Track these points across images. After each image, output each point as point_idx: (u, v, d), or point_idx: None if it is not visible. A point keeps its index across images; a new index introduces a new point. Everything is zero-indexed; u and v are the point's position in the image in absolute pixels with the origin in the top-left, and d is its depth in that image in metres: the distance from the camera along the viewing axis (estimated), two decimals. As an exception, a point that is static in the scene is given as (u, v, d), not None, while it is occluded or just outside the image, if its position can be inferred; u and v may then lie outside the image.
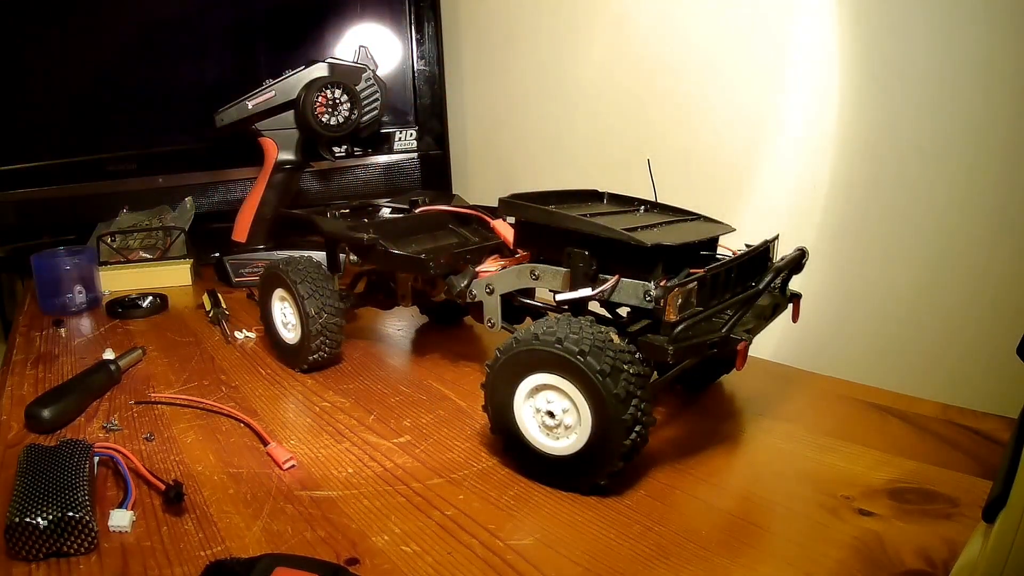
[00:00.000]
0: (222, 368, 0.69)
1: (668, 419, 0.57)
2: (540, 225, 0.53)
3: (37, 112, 1.05)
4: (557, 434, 0.46)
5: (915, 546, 0.40)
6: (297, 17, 1.14)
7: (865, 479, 0.47)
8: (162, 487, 0.46)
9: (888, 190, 0.71)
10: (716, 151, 0.85)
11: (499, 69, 1.17)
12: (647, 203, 0.61)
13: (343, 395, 0.63)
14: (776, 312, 0.53)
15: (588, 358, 0.42)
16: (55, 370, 0.69)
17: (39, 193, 1.03)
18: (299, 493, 0.47)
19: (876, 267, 0.73)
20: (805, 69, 0.76)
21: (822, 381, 0.64)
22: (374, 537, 0.42)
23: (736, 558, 0.40)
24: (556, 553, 0.40)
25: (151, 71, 1.08)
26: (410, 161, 1.17)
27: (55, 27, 1.02)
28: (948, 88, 0.66)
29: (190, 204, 1.07)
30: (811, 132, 0.76)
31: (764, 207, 0.81)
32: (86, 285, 0.88)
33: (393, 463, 0.51)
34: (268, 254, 0.97)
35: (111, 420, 0.57)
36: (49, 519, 0.39)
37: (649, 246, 0.47)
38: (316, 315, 0.64)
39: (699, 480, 0.48)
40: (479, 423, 0.56)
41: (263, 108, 0.94)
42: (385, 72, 1.06)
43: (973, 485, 0.46)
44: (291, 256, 0.68)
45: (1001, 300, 0.65)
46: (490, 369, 0.48)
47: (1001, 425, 0.53)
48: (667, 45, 0.89)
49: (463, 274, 0.61)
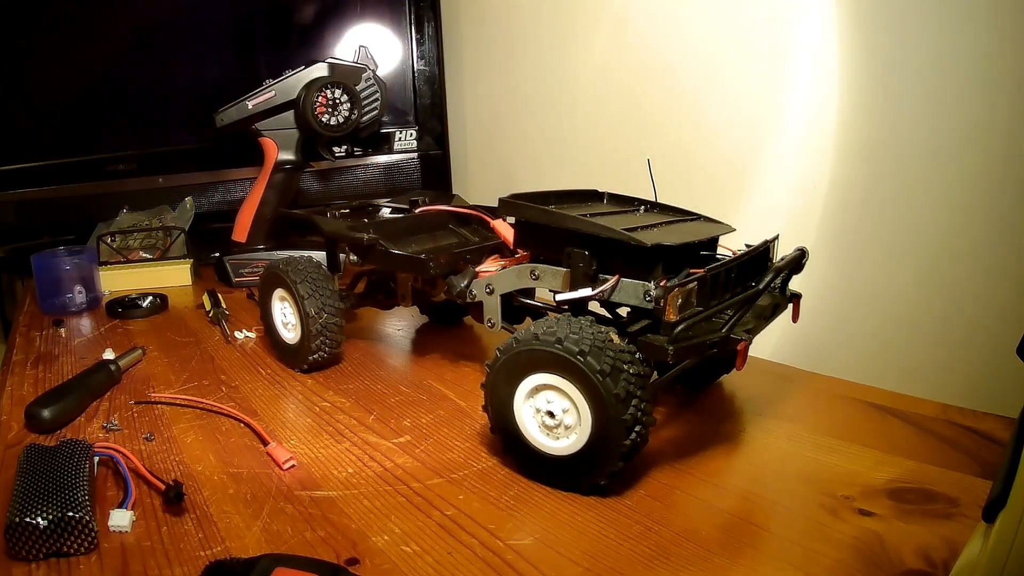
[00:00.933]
0: (222, 368, 0.69)
1: (668, 419, 0.57)
2: (540, 225, 0.53)
3: (37, 112, 1.05)
4: (557, 434, 0.46)
5: (915, 546, 0.40)
6: (297, 17, 1.14)
7: (865, 479, 0.47)
8: (162, 487, 0.46)
9: (888, 190, 0.71)
10: (716, 151, 0.85)
11: (499, 69, 1.17)
12: (647, 203, 0.61)
13: (343, 395, 0.63)
14: (776, 312, 0.53)
15: (588, 358, 0.42)
16: (55, 370, 0.69)
17: (39, 193, 1.04)
18: (299, 493, 0.47)
19: (876, 267, 0.73)
20: (805, 69, 0.76)
21: (822, 381, 0.64)
22: (374, 537, 0.42)
23: (736, 558, 0.40)
24: (556, 553, 0.40)
25: (151, 71, 1.08)
26: (410, 161, 1.17)
27: (55, 27, 1.02)
28: (948, 88, 0.66)
29: (190, 204, 1.07)
30: (811, 132, 0.76)
31: (764, 207, 0.81)
32: (86, 285, 0.88)
33: (393, 463, 0.51)
34: (268, 254, 0.97)
35: (111, 420, 0.57)
36: (49, 519, 0.39)
37: (649, 246, 0.47)
38: (316, 315, 0.64)
39: (699, 480, 0.48)
40: (479, 423, 0.56)
41: (263, 108, 0.94)
42: (385, 72, 1.06)
43: (973, 485, 0.46)
44: (291, 256, 0.68)
45: (1001, 300, 0.65)
46: (490, 369, 0.48)
47: (1001, 425, 0.53)
48: (667, 45, 0.89)
49: (463, 274, 0.61)
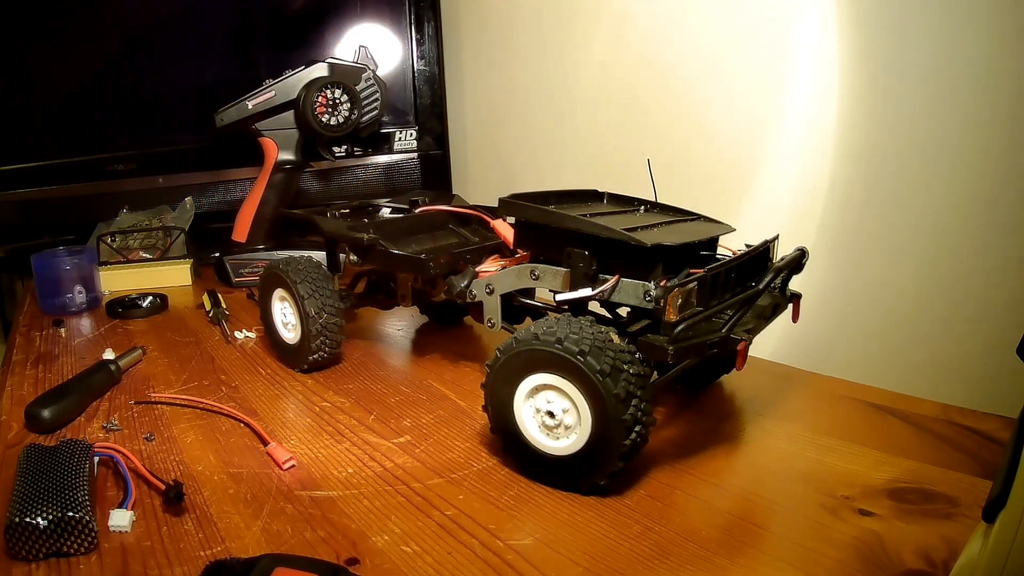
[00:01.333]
0: (222, 368, 0.69)
1: (668, 419, 0.57)
2: (540, 225, 0.53)
3: (37, 112, 1.05)
4: (557, 434, 0.46)
5: (915, 546, 0.40)
6: (297, 17, 1.14)
7: (865, 479, 0.47)
8: (162, 487, 0.46)
9: (888, 190, 0.71)
10: (716, 151, 0.85)
11: (499, 69, 1.17)
12: (647, 203, 0.61)
13: (343, 395, 0.63)
14: (776, 312, 0.53)
15: (588, 358, 0.42)
16: (55, 370, 0.69)
17: (39, 193, 1.04)
18: (299, 493, 0.47)
19: (876, 267, 0.73)
20: (806, 69, 0.76)
21: (822, 381, 0.64)
22: (374, 537, 0.42)
23: (736, 558, 0.40)
24: (556, 553, 0.41)
25: (151, 71, 1.08)
26: (410, 161, 1.17)
27: (55, 27, 1.02)
28: (948, 88, 0.66)
29: (190, 204, 1.07)
30: (811, 132, 0.76)
31: (764, 207, 0.81)
32: (86, 285, 0.88)
33: (393, 463, 0.51)
34: (268, 254, 0.97)
35: (111, 420, 0.57)
36: (49, 519, 0.39)
37: (649, 246, 0.47)
38: (316, 315, 0.64)
39: (699, 480, 0.48)
40: (479, 423, 0.56)
41: (263, 108, 0.94)
42: (385, 72, 1.06)
43: (973, 485, 0.46)
44: (291, 256, 0.68)
45: (1001, 300, 0.65)
46: (490, 369, 0.48)
47: (1001, 425, 0.53)
48: (667, 45, 0.89)
49: (463, 274, 0.61)
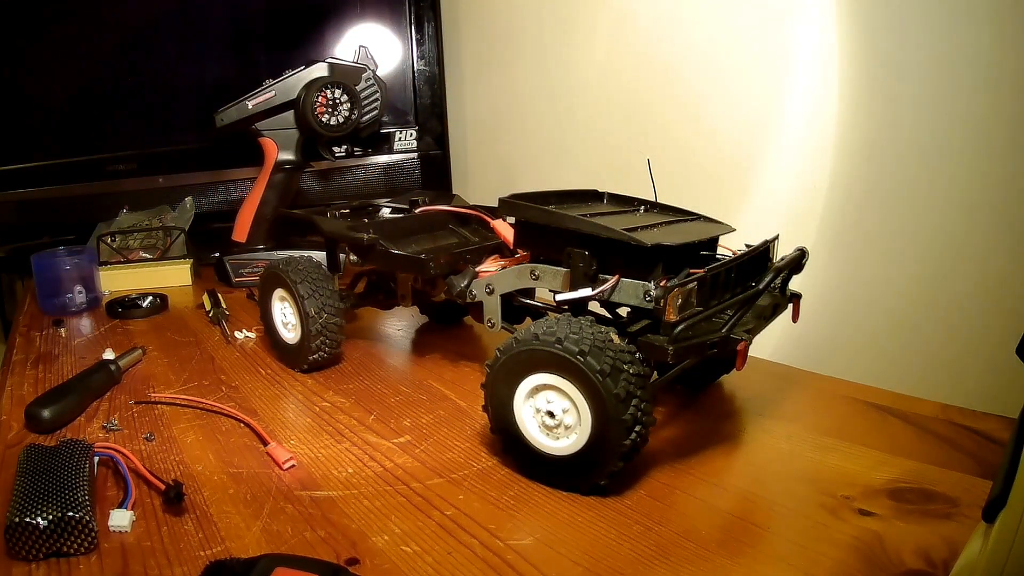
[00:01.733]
0: (222, 368, 0.69)
1: (668, 419, 0.57)
2: (540, 225, 0.53)
3: (37, 112, 1.05)
4: (557, 434, 0.46)
5: (915, 546, 0.40)
6: (297, 17, 1.14)
7: (865, 479, 0.47)
8: (162, 487, 0.46)
9: (888, 190, 0.71)
10: (717, 151, 0.85)
11: (499, 69, 1.17)
12: (647, 203, 0.61)
13: (343, 395, 0.63)
14: (776, 312, 0.53)
15: (588, 358, 0.42)
16: (55, 370, 0.69)
17: (39, 193, 1.04)
18: (299, 493, 0.47)
19: (876, 267, 0.73)
20: (806, 69, 0.76)
21: (822, 381, 0.64)
22: (374, 537, 0.42)
23: (736, 558, 0.40)
24: (556, 553, 0.40)
25: (151, 71, 1.08)
26: (410, 161, 1.17)
27: (55, 27, 1.02)
28: (948, 88, 0.66)
29: (190, 204, 1.07)
30: (811, 132, 0.76)
31: (764, 207, 0.81)
32: (86, 285, 0.88)
33: (393, 463, 0.51)
34: (268, 254, 0.97)
35: (111, 420, 0.57)
36: (49, 519, 0.39)
37: (649, 246, 0.47)
38: (316, 315, 0.64)
39: (699, 480, 0.48)
40: (479, 423, 0.56)
41: (263, 108, 0.94)
42: (385, 72, 1.06)
43: (973, 485, 0.46)
44: (291, 256, 0.68)
45: (1001, 300, 0.65)
46: (490, 369, 0.48)
47: (1001, 425, 0.53)
48: (668, 45, 0.89)
49: (463, 274, 0.61)
